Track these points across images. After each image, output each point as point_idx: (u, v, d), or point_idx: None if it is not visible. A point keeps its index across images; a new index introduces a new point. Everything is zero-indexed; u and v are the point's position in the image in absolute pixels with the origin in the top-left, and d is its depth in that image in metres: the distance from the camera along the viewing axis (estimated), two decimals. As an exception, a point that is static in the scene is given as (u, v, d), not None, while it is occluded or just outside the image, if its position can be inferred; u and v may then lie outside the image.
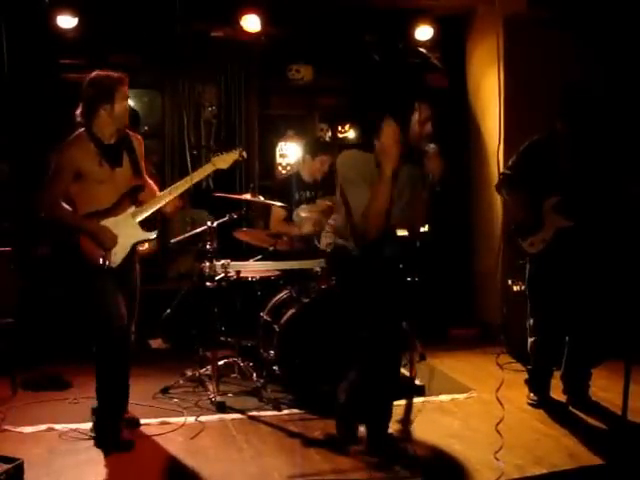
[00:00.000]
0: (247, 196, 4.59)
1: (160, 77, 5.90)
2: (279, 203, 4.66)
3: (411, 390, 4.23)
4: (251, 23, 5.59)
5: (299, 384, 4.12)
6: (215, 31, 5.76)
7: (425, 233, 4.69)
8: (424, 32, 5.92)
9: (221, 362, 4.41)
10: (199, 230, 4.57)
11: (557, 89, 3.98)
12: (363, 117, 5.86)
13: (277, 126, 6.37)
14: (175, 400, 4.17)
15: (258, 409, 4.03)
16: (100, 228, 3.43)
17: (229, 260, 4.28)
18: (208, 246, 4.23)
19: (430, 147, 3.33)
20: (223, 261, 4.26)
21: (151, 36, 5.60)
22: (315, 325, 4.12)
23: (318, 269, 4.36)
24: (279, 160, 6.37)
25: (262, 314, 4.55)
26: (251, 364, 4.48)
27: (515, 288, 4.82)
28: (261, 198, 4.69)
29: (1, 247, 4.43)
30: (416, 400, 4.17)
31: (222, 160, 3.81)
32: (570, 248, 3.88)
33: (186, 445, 3.53)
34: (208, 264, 4.23)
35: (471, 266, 6.27)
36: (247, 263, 4.57)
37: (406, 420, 3.89)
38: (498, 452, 3.20)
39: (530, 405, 4.11)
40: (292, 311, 4.18)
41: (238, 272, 4.41)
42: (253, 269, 4.56)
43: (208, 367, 4.36)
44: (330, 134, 6.48)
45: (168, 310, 5.30)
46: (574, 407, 4.04)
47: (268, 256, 4.68)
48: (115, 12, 5.40)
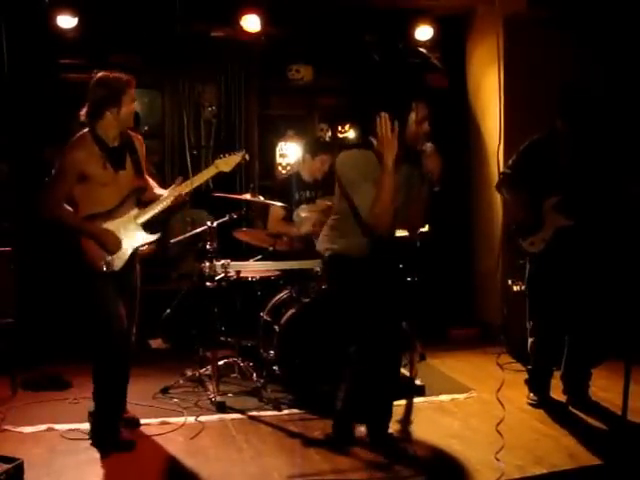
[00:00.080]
0: (247, 196, 4.59)
1: (160, 77, 5.89)
2: (279, 203, 4.66)
3: (411, 390, 4.24)
4: (251, 23, 5.59)
5: (299, 384, 4.12)
6: (215, 31, 5.76)
7: (425, 233, 4.70)
8: (424, 32, 5.92)
9: (221, 362, 4.41)
10: (199, 230, 4.57)
11: (557, 89, 3.98)
12: (363, 117, 5.85)
13: (277, 126, 6.37)
14: (175, 400, 4.17)
15: (258, 409, 4.03)
16: (103, 232, 3.40)
17: (229, 260, 4.28)
18: (208, 246, 4.24)
19: (427, 146, 3.33)
20: (223, 261, 4.25)
21: (151, 36, 5.59)
22: (315, 325, 4.13)
23: (318, 269, 4.36)
24: (279, 160, 6.37)
25: (262, 314, 4.55)
26: (251, 364, 4.48)
27: (515, 288, 4.82)
28: (261, 198, 4.69)
29: (1, 247, 4.43)
30: (416, 400, 4.18)
31: (225, 163, 3.78)
32: (570, 248, 3.88)
33: (186, 445, 3.53)
34: (208, 264, 4.22)
35: (471, 266, 6.27)
36: (247, 263, 4.57)
37: (406, 420, 3.90)
38: (499, 452, 3.20)
39: (530, 405, 4.10)
40: (292, 311, 4.19)
41: (238, 272, 4.41)
42: (253, 269, 4.56)
43: (208, 367, 4.36)
44: (330, 134, 6.47)
45: (168, 310, 5.31)
46: (574, 407, 4.04)
47: (268, 256, 4.68)
48: (115, 12, 5.39)
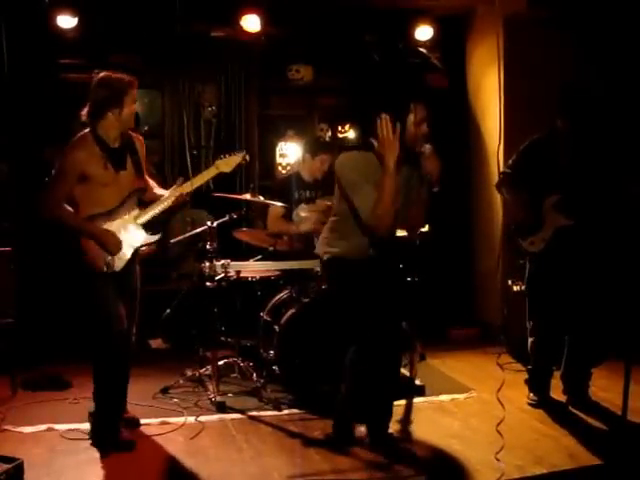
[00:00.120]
0: (247, 196, 4.59)
1: (160, 77, 5.89)
2: (279, 203, 4.65)
3: (411, 390, 4.24)
4: (251, 23, 5.59)
5: (299, 384, 4.12)
6: (215, 31, 5.76)
7: (425, 233, 4.70)
8: (424, 32, 5.92)
9: (221, 362, 4.41)
10: (199, 230, 4.57)
11: (557, 89, 3.98)
12: (363, 117, 5.85)
13: (277, 126, 6.37)
14: (175, 400, 4.17)
15: (258, 409, 4.03)
16: (104, 232, 3.39)
17: (229, 260, 4.28)
18: (208, 246, 4.24)
19: (426, 147, 3.35)
20: (223, 261, 4.25)
21: (151, 36, 5.59)
22: (315, 325, 4.12)
23: (318, 269, 4.36)
24: (279, 160, 6.37)
25: (262, 314, 4.55)
26: (251, 364, 4.47)
27: (515, 288, 4.82)
28: (261, 198, 4.69)
29: (1, 247, 4.43)
30: (416, 400, 4.17)
31: (225, 164, 3.78)
32: (570, 247, 3.87)
33: (186, 445, 3.53)
34: (208, 264, 4.22)
35: (471, 266, 6.27)
36: (247, 263, 4.57)
37: (406, 420, 3.90)
38: (499, 452, 3.20)
39: (530, 405, 4.10)
40: (292, 311, 4.18)
41: (238, 272, 4.41)
42: (253, 269, 4.56)
43: (208, 367, 4.36)
44: (330, 134, 6.47)
45: (168, 310, 5.31)
46: (574, 407, 4.03)
47: (268, 256, 4.68)
48: (115, 12, 5.39)
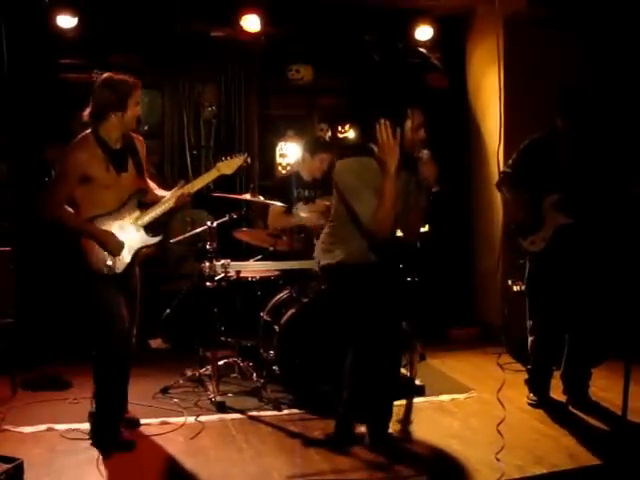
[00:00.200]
0: (247, 196, 4.59)
1: (160, 77, 5.89)
2: (279, 203, 4.65)
3: (411, 390, 4.24)
4: (251, 23, 5.59)
5: (299, 384, 4.11)
6: (215, 31, 5.76)
7: (425, 233, 4.70)
8: (424, 32, 5.92)
9: (221, 362, 4.40)
10: (199, 230, 4.57)
11: (557, 89, 3.98)
12: (363, 117, 5.85)
13: (277, 126, 6.37)
14: (175, 400, 4.17)
15: (258, 409, 4.03)
16: (106, 234, 3.39)
17: (229, 260, 4.28)
18: (208, 246, 4.24)
19: (424, 153, 3.38)
20: (223, 261, 4.25)
21: (151, 36, 5.59)
22: (315, 325, 4.12)
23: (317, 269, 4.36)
24: (279, 160, 6.37)
25: (262, 314, 4.55)
26: (251, 364, 4.47)
27: (515, 288, 4.82)
28: (261, 198, 4.68)
29: (1, 247, 4.43)
30: (416, 400, 4.17)
31: (226, 166, 3.79)
32: (570, 246, 3.87)
33: (186, 445, 3.53)
34: (208, 264, 4.22)
35: (471, 266, 6.27)
36: (247, 263, 4.57)
37: (406, 420, 3.89)
38: (499, 452, 3.20)
39: (530, 405, 4.10)
40: (292, 311, 4.18)
41: (238, 272, 4.41)
42: (253, 269, 4.56)
43: (208, 367, 4.35)
44: (330, 134, 6.48)
45: (168, 310, 5.31)
46: (574, 407, 4.03)
47: (268, 256, 4.68)
48: (115, 12, 5.39)
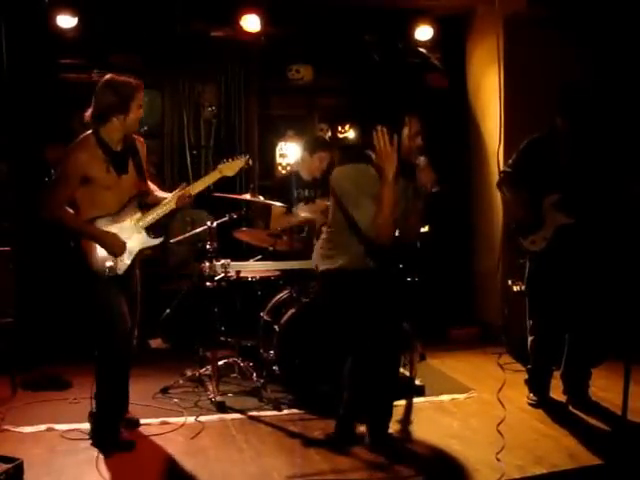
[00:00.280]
0: (247, 196, 4.59)
1: (160, 77, 5.88)
2: (278, 203, 4.65)
3: (411, 390, 4.24)
4: (251, 23, 5.59)
5: (299, 384, 4.11)
6: (215, 31, 5.76)
7: (425, 233, 4.70)
8: (424, 32, 5.92)
9: (221, 362, 4.40)
10: (199, 230, 4.57)
11: (557, 89, 3.98)
12: (363, 117, 5.85)
13: (277, 126, 6.37)
14: (175, 400, 4.17)
15: (258, 409, 4.03)
16: (108, 235, 3.38)
17: (229, 260, 4.28)
18: (208, 246, 4.24)
19: (421, 160, 3.40)
20: (223, 261, 4.25)
21: (151, 36, 5.59)
22: (315, 325, 4.12)
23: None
24: (279, 160, 6.37)
25: (262, 314, 4.54)
26: (251, 364, 4.47)
27: (515, 288, 4.82)
28: (261, 198, 4.68)
29: (1, 247, 4.43)
30: (416, 400, 4.17)
31: (228, 167, 3.78)
32: (571, 246, 3.87)
33: (186, 445, 3.53)
34: (208, 264, 4.22)
35: (471, 266, 6.26)
36: (247, 263, 4.58)
37: (406, 420, 3.89)
38: (499, 452, 3.20)
39: (530, 405, 4.10)
40: (292, 311, 4.18)
41: (238, 272, 4.42)
42: (253, 269, 4.56)
43: (208, 367, 4.35)
44: (330, 134, 6.48)
45: (168, 310, 5.31)
46: (574, 407, 4.03)
47: (268, 256, 4.68)
48: (115, 12, 5.39)
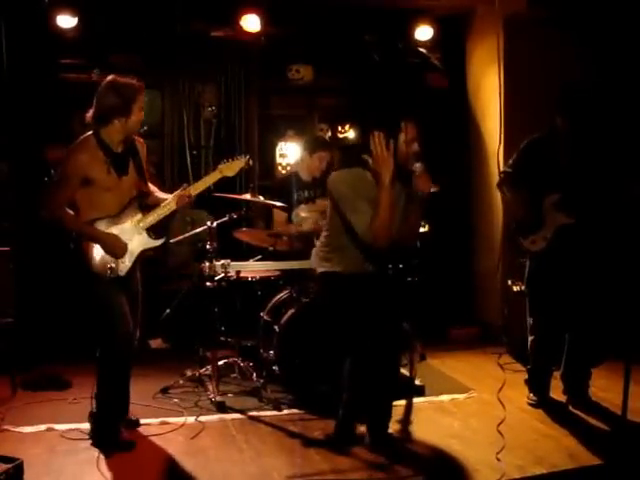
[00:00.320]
0: (247, 196, 4.59)
1: (160, 77, 5.88)
2: (279, 203, 4.65)
3: (411, 390, 4.24)
4: (251, 23, 5.59)
5: (299, 384, 4.11)
6: (215, 31, 5.75)
7: (425, 233, 4.70)
8: (424, 32, 5.92)
9: (221, 362, 4.40)
10: (199, 230, 4.57)
11: (557, 89, 3.98)
12: (363, 117, 5.85)
13: (277, 126, 6.37)
14: (175, 400, 4.17)
15: (258, 409, 4.03)
16: (109, 236, 3.38)
17: (229, 260, 4.28)
18: (208, 246, 4.24)
19: (417, 166, 3.40)
20: (223, 261, 4.25)
21: (151, 36, 5.59)
22: (315, 325, 4.12)
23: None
24: (279, 160, 6.37)
25: (262, 314, 4.54)
26: (251, 364, 4.47)
27: (515, 288, 4.82)
28: (261, 198, 4.68)
29: (1, 247, 4.43)
30: (416, 400, 4.17)
31: (228, 168, 3.79)
32: (571, 246, 3.87)
33: (186, 445, 3.53)
34: (208, 264, 4.22)
35: (471, 266, 6.26)
36: (247, 263, 4.57)
37: (406, 420, 3.89)
38: (500, 452, 3.20)
39: (530, 405, 4.10)
40: (292, 311, 4.18)
41: (238, 272, 4.42)
42: (253, 269, 4.56)
43: (208, 367, 4.35)
44: (330, 134, 6.48)
45: (168, 310, 5.31)
46: (574, 407, 4.03)
47: (268, 256, 4.68)
48: (115, 12, 5.39)
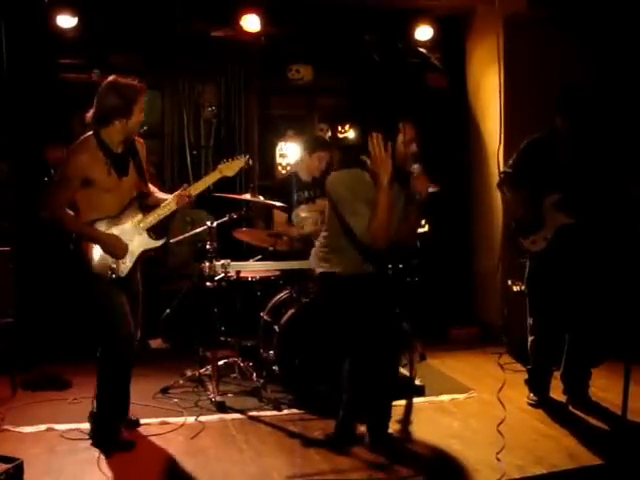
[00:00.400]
0: (247, 196, 4.59)
1: (160, 77, 5.88)
2: (279, 203, 4.65)
3: (411, 390, 4.24)
4: (251, 23, 5.60)
5: (299, 384, 4.11)
6: (215, 31, 5.76)
7: (425, 233, 4.70)
8: (424, 32, 5.92)
9: (221, 362, 4.40)
10: (199, 230, 4.57)
11: (557, 89, 3.98)
12: (363, 117, 5.85)
13: (277, 126, 6.37)
14: (175, 400, 4.17)
15: (258, 409, 4.03)
16: (110, 237, 3.37)
17: (229, 260, 4.28)
18: (208, 246, 4.24)
19: (415, 167, 3.40)
20: (223, 261, 4.25)
21: (151, 36, 5.59)
22: (315, 325, 4.12)
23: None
24: (279, 160, 6.37)
25: (262, 314, 4.55)
26: (251, 364, 4.47)
27: (515, 288, 4.82)
28: (261, 198, 4.68)
29: (1, 247, 4.43)
30: (416, 400, 4.17)
31: (228, 168, 3.79)
32: (571, 246, 3.87)
33: (186, 445, 3.53)
34: (208, 264, 4.22)
35: (471, 266, 6.26)
36: (247, 263, 4.57)
37: (406, 420, 3.89)
38: (500, 452, 3.20)
39: (530, 405, 4.10)
40: (292, 311, 4.18)
41: (238, 272, 4.42)
42: (253, 269, 4.56)
43: (208, 367, 4.35)
44: (330, 134, 6.48)
45: (168, 310, 5.31)
46: (574, 407, 4.03)
47: (268, 256, 4.68)
48: (115, 12, 5.39)
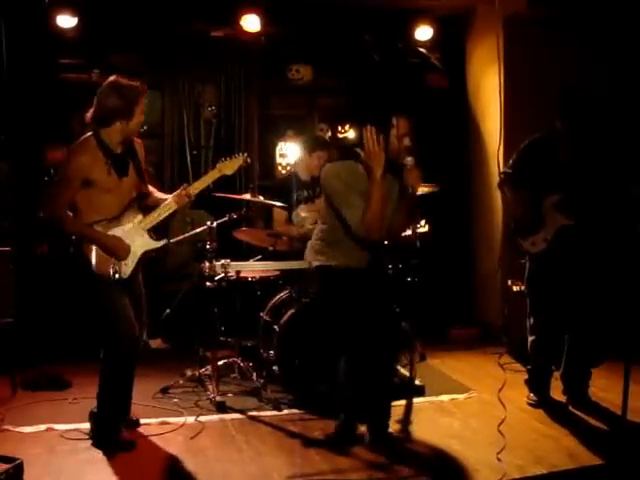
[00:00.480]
0: (247, 196, 4.59)
1: (160, 77, 5.88)
2: (279, 203, 4.65)
3: (411, 390, 4.23)
4: (251, 23, 5.60)
5: (299, 384, 4.11)
6: (215, 31, 5.76)
7: (425, 233, 4.70)
8: (424, 32, 5.93)
9: (221, 362, 4.40)
10: (199, 230, 4.57)
11: (557, 89, 3.98)
12: (362, 117, 5.85)
13: (277, 126, 6.38)
14: (175, 400, 4.17)
15: (258, 409, 4.03)
16: (112, 239, 3.37)
17: (229, 260, 4.28)
18: (208, 246, 4.24)
19: (408, 160, 3.42)
20: (223, 261, 4.25)
21: (151, 36, 5.60)
22: (315, 325, 4.12)
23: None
24: (279, 160, 6.38)
25: (262, 314, 4.55)
26: (251, 364, 4.47)
27: (515, 288, 4.82)
28: (261, 198, 4.68)
29: (1, 247, 4.43)
30: (416, 400, 4.17)
31: (227, 166, 3.79)
32: (571, 246, 3.87)
33: (186, 445, 3.53)
34: (208, 264, 4.22)
35: (471, 266, 6.27)
36: (247, 263, 4.57)
37: (406, 420, 3.89)
38: (500, 452, 3.20)
39: (530, 405, 4.10)
40: (292, 311, 4.18)
41: (238, 272, 4.41)
42: (253, 269, 4.56)
43: (208, 367, 4.35)
44: (330, 134, 6.48)
45: (168, 310, 5.31)
46: (574, 407, 4.03)
47: (268, 256, 4.68)
48: (115, 12, 5.39)
